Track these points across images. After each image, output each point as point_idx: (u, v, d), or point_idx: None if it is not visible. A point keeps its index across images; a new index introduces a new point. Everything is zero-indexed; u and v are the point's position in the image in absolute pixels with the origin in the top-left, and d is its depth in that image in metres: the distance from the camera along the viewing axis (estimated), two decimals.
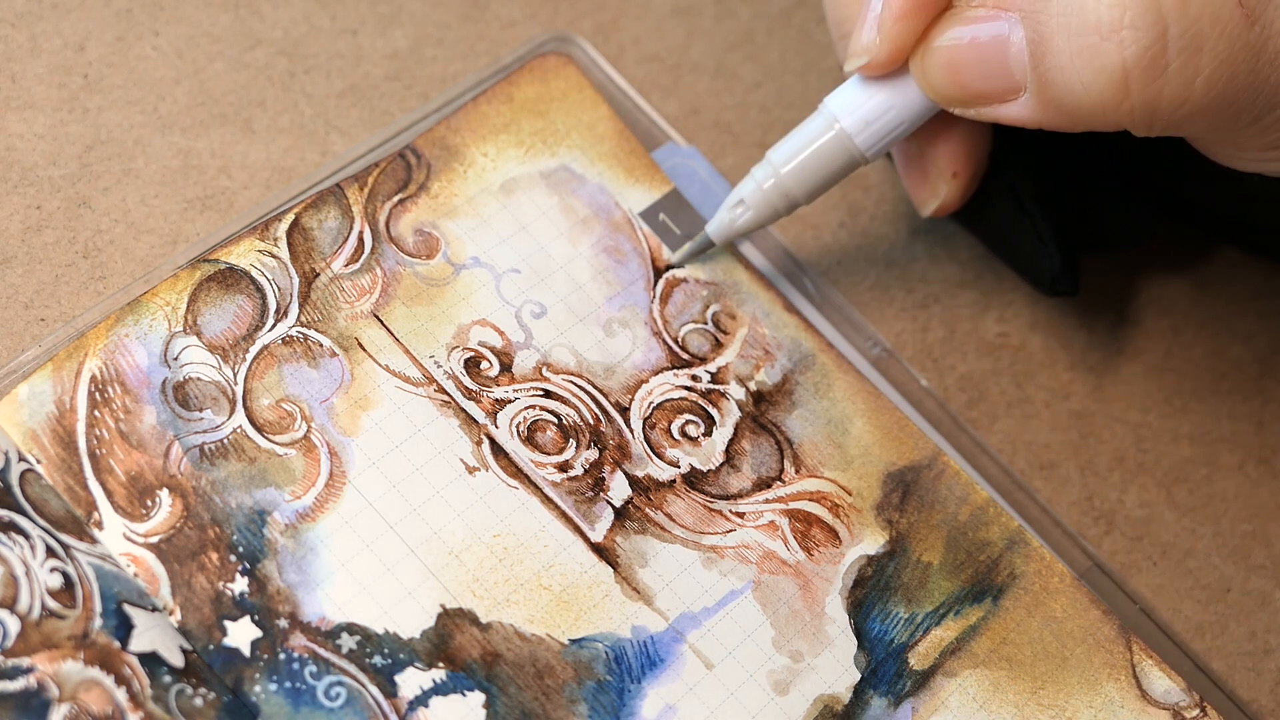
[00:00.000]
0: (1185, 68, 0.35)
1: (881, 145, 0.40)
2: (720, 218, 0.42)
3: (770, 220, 0.41)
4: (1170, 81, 0.35)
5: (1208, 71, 0.35)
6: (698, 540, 0.39)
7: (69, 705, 0.34)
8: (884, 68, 0.38)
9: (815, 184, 0.40)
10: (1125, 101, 0.35)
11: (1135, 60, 0.35)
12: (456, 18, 0.46)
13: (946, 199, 0.42)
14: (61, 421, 0.36)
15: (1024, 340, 0.46)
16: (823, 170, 0.40)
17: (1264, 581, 0.44)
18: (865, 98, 0.39)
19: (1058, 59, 0.35)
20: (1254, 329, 0.47)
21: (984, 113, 0.38)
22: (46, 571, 0.35)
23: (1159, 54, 0.34)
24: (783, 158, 0.40)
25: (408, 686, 0.36)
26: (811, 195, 0.41)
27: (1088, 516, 0.44)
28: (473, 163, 0.42)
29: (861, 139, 0.39)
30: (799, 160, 0.40)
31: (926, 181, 0.42)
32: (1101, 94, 0.35)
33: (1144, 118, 0.36)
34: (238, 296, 0.39)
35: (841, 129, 0.40)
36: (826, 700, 0.38)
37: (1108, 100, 0.35)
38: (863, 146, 0.40)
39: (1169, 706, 0.40)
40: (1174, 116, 0.36)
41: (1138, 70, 0.35)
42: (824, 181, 0.40)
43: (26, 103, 0.42)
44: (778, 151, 0.40)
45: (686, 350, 0.42)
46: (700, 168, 0.44)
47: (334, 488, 0.38)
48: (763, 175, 0.41)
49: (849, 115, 0.39)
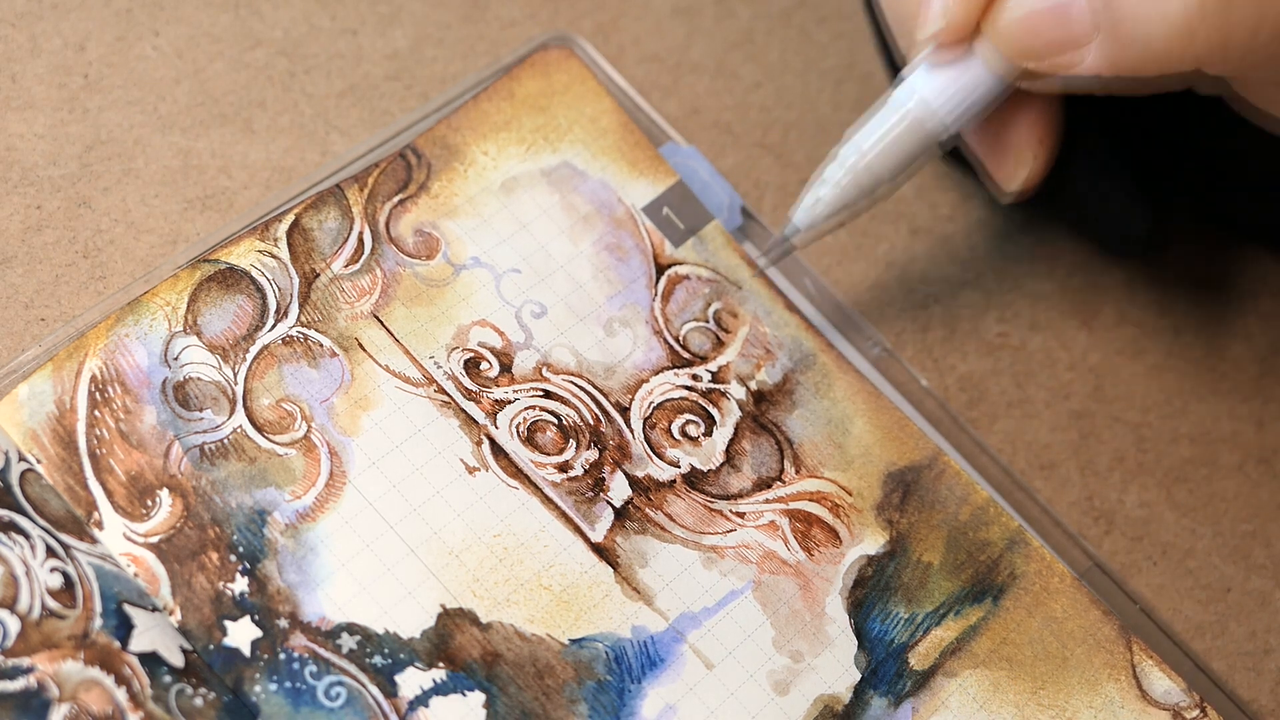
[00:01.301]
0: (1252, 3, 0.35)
1: (963, 118, 0.40)
2: (805, 203, 0.41)
3: (854, 205, 0.41)
4: (1237, 18, 0.35)
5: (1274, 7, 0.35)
6: (698, 540, 0.39)
7: (69, 705, 0.34)
8: (959, 33, 0.39)
9: (898, 161, 0.40)
10: (1199, 32, 0.35)
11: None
12: (456, 18, 0.46)
13: (1033, 170, 0.42)
14: (61, 421, 0.36)
15: (1024, 340, 0.46)
16: (906, 149, 0.40)
17: (1264, 581, 0.44)
18: (940, 74, 0.39)
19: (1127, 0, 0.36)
20: (1254, 329, 0.47)
21: (1060, 63, 0.38)
22: (46, 571, 0.35)
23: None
24: (865, 137, 0.40)
25: (408, 686, 0.36)
26: (895, 173, 0.40)
27: (1088, 516, 0.44)
28: (473, 161, 0.42)
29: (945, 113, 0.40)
30: (881, 137, 0.40)
31: (1008, 159, 0.42)
32: (1174, 27, 0.35)
33: (1211, 56, 0.36)
34: (238, 296, 0.39)
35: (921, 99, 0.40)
36: (827, 700, 0.38)
37: (1180, 32, 0.35)
38: (945, 120, 0.40)
39: (1169, 707, 0.40)
40: (1247, 48, 0.36)
41: (1204, 6, 0.35)
42: (906, 159, 0.40)
43: (26, 103, 0.42)
44: (858, 133, 0.40)
45: (687, 349, 0.42)
46: (700, 168, 0.44)
47: (334, 488, 0.38)
48: (846, 155, 0.40)
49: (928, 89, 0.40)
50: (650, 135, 0.44)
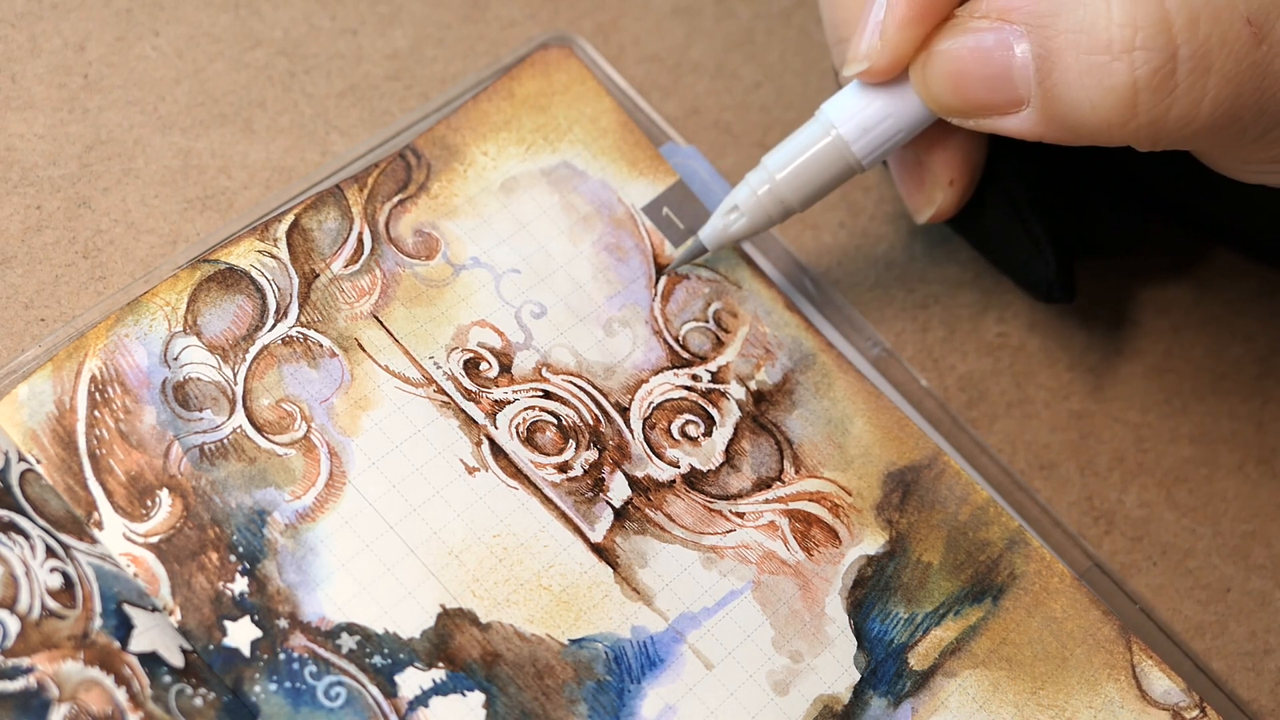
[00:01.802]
0: (1193, 88, 0.35)
1: (878, 153, 0.39)
2: (714, 224, 0.41)
3: (764, 227, 0.41)
4: (1178, 101, 0.35)
5: (1215, 91, 0.35)
6: (697, 540, 0.39)
7: (69, 705, 0.34)
8: (884, 75, 0.38)
9: (810, 191, 0.40)
10: (1132, 120, 0.35)
11: (1145, 80, 0.34)
12: (456, 18, 0.46)
13: (942, 206, 0.42)
14: (61, 421, 0.36)
15: (1024, 340, 0.46)
16: (818, 177, 0.40)
17: (1264, 581, 0.44)
18: (863, 105, 0.39)
19: (1065, 75, 0.35)
20: (1254, 329, 0.47)
21: (984, 124, 0.38)
22: (46, 571, 0.35)
23: (1168, 75, 0.34)
24: (778, 164, 0.40)
25: (408, 686, 0.36)
26: (806, 202, 0.40)
27: (1088, 516, 0.44)
28: (473, 162, 0.42)
29: (858, 147, 0.39)
30: (794, 167, 0.40)
31: (922, 189, 0.42)
32: (1109, 112, 0.35)
33: (1149, 135, 0.36)
34: (238, 297, 0.39)
35: (838, 135, 0.39)
36: (826, 700, 0.38)
37: (1114, 118, 0.35)
38: (859, 154, 0.39)
39: (1169, 707, 0.40)
40: (1180, 134, 0.36)
41: (1147, 90, 0.35)
42: (819, 189, 0.40)
43: (26, 103, 0.42)
44: (773, 158, 0.40)
45: (687, 349, 0.42)
46: (700, 168, 0.44)
47: (334, 488, 0.38)
48: (757, 181, 0.40)
49: (846, 122, 0.39)
50: (650, 135, 0.44)
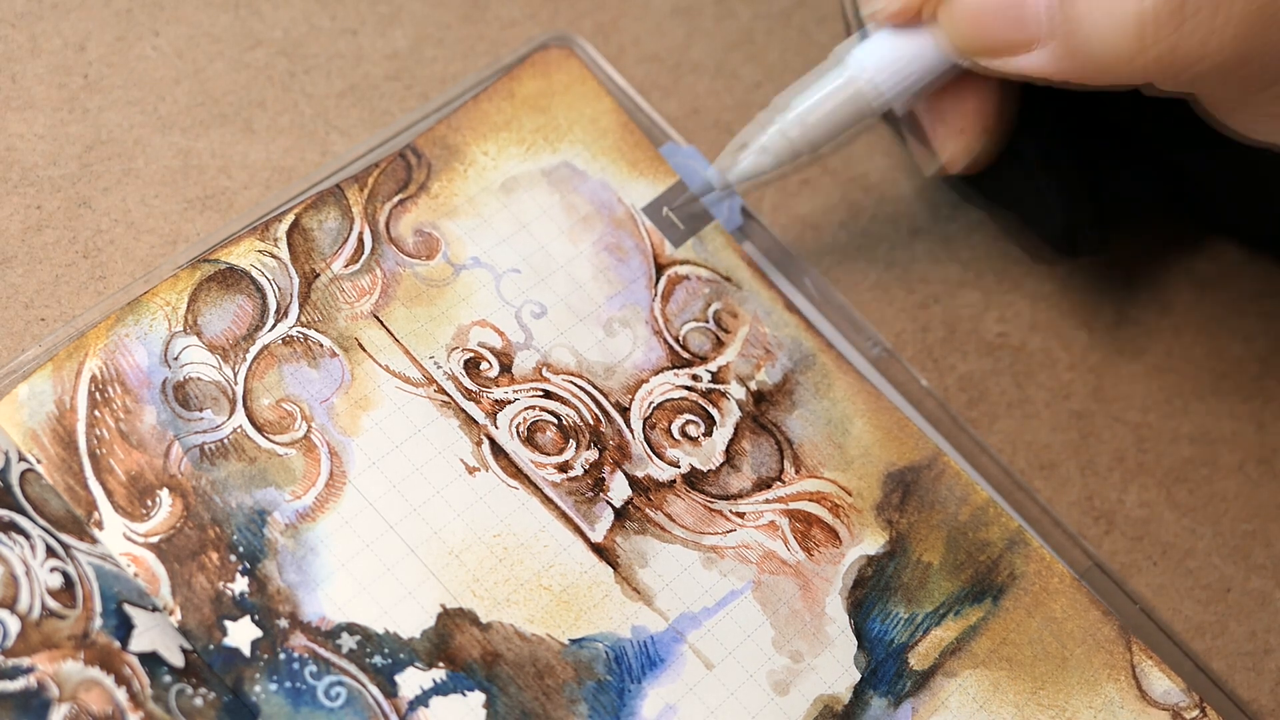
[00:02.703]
0: (1205, 22, 0.35)
1: (894, 96, 0.40)
2: (721, 161, 0.41)
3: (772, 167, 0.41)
4: (1188, 35, 0.35)
5: (1223, 29, 0.35)
6: (698, 540, 0.39)
7: (69, 705, 0.34)
8: (905, 15, 0.39)
9: (822, 132, 0.40)
10: (1144, 52, 0.36)
11: (1154, 10, 0.35)
12: (456, 18, 0.46)
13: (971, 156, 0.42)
14: (61, 421, 0.36)
15: (1024, 340, 0.46)
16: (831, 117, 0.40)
17: (1264, 581, 0.44)
18: (884, 47, 0.39)
19: (1080, 7, 0.36)
20: (1254, 329, 0.47)
21: (1005, 64, 0.38)
22: (46, 571, 0.35)
23: (1179, 6, 0.35)
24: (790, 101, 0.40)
25: (408, 686, 0.36)
26: (826, 140, 0.40)
27: (1088, 516, 0.44)
28: (473, 161, 0.42)
29: (877, 83, 0.39)
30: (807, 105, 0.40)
31: (936, 138, 0.42)
32: (1121, 43, 0.36)
33: (1160, 70, 0.36)
34: (238, 296, 0.39)
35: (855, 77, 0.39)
36: (826, 700, 0.38)
37: (1127, 49, 0.36)
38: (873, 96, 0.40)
39: (1168, 707, 0.40)
40: (1190, 72, 0.36)
41: (1156, 22, 0.35)
42: (831, 130, 0.40)
43: (26, 103, 0.42)
44: (785, 95, 0.40)
45: (687, 349, 0.42)
46: (700, 168, 0.44)
47: (334, 488, 0.38)
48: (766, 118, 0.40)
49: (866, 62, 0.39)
50: (650, 135, 0.44)
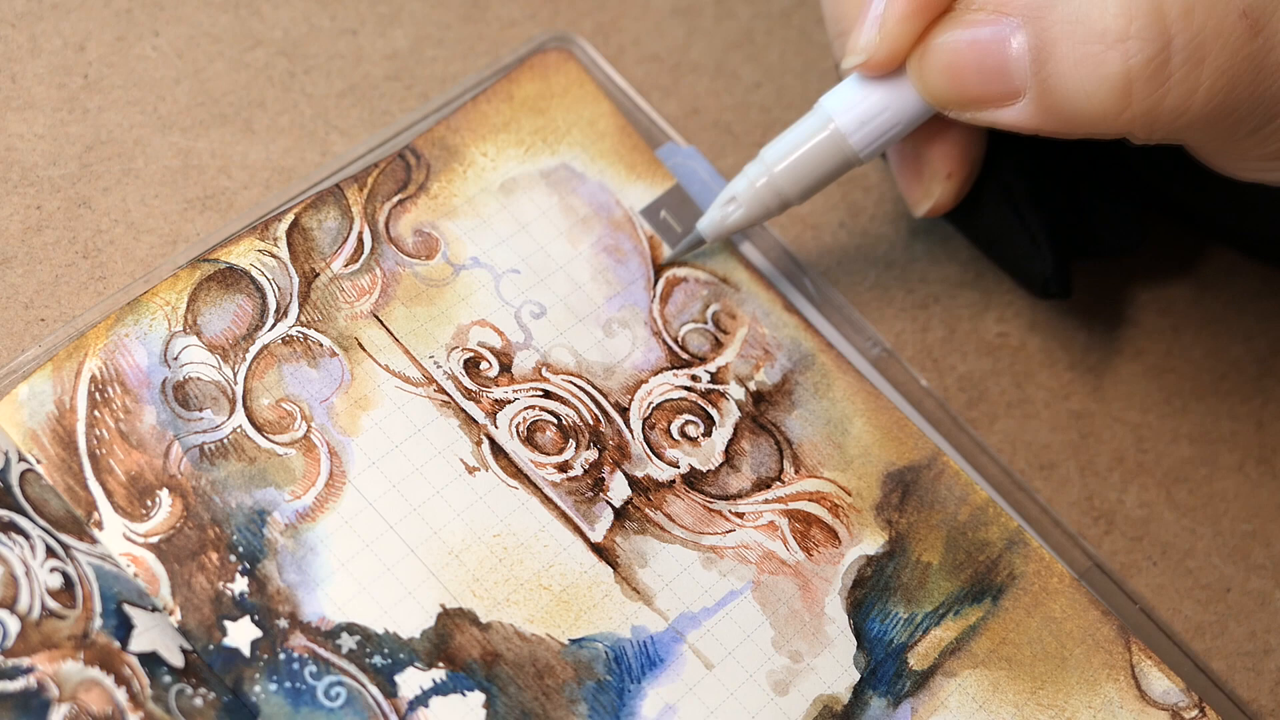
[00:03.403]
0: (1187, 78, 0.35)
1: (876, 146, 0.40)
2: (712, 215, 0.41)
3: (762, 218, 0.41)
4: (1172, 92, 0.35)
5: (1209, 82, 0.35)
6: (697, 540, 0.39)
7: (69, 705, 0.34)
8: (883, 68, 0.38)
9: (809, 183, 0.40)
10: (1126, 110, 0.35)
11: (1139, 70, 0.35)
12: (456, 18, 0.46)
13: (940, 199, 0.42)
14: (61, 421, 0.36)
15: (1024, 340, 0.46)
16: (816, 170, 0.40)
17: (1264, 581, 0.44)
18: (861, 98, 0.39)
19: (1060, 65, 0.35)
20: (1254, 329, 0.47)
21: (981, 117, 0.38)
22: (46, 571, 0.35)
23: (1162, 64, 0.34)
24: (776, 156, 0.40)
25: (408, 686, 0.36)
26: (805, 195, 0.41)
27: (1087, 516, 0.44)
28: (472, 163, 0.42)
29: (856, 139, 0.39)
30: (793, 159, 0.40)
31: (920, 181, 0.42)
32: (1103, 102, 0.35)
33: (1144, 126, 0.36)
34: (238, 296, 0.39)
35: (836, 129, 0.39)
36: (826, 700, 0.38)
37: (1109, 108, 0.35)
38: (857, 147, 0.39)
39: (1168, 707, 0.40)
40: (1174, 125, 0.36)
41: (1141, 80, 0.35)
42: (817, 181, 0.40)
43: (26, 103, 0.42)
44: (771, 150, 0.40)
45: (686, 350, 0.42)
46: (700, 168, 0.44)
47: (334, 487, 0.38)
48: (756, 173, 0.40)
49: (844, 114, 0.39)
50: (650, 135, 0.44)
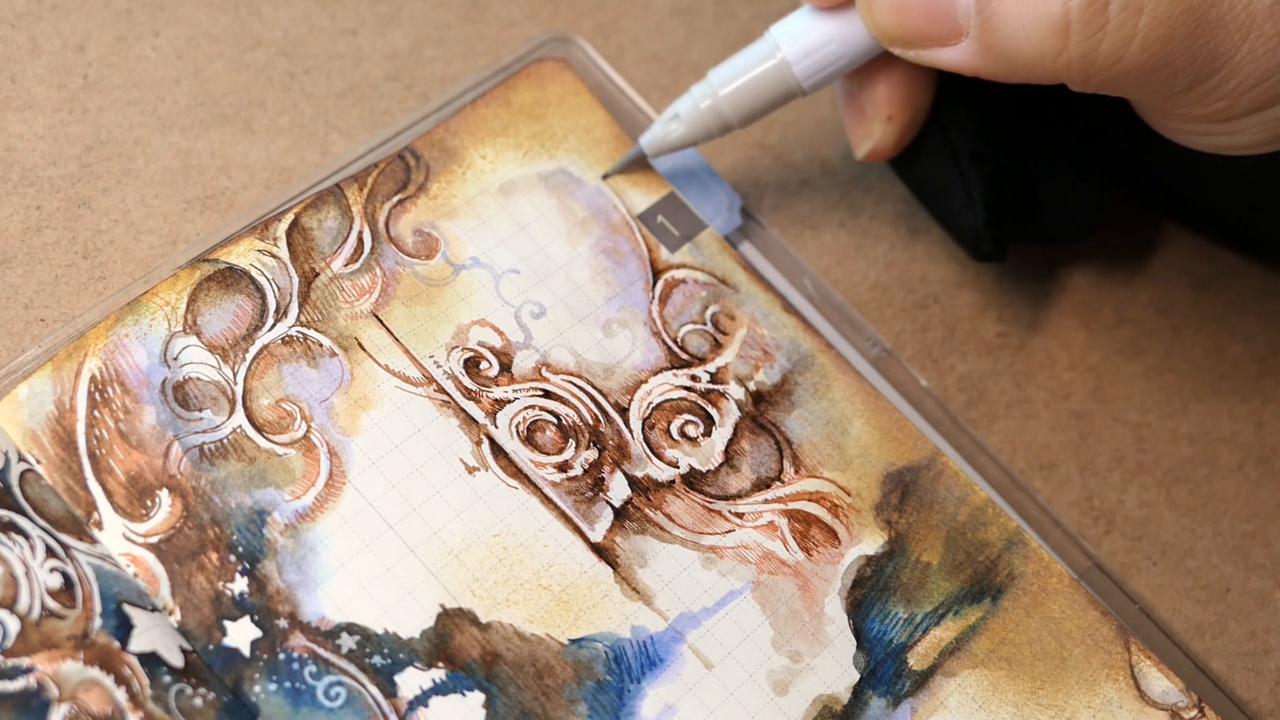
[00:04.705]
0: (1125, 25, 0.35)
1: (820, 78, 0.41)
2: (655, 131, 0.42)
3: (702, 139, 0.42)
4: (1109, 37, 0.36)
5: (1145, 30, 0.35)
6: (697, 540, 0.39)
7: (69, 705, 0.34)
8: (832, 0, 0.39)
9: (751, 109, 0.41)
10: (1063, 53, 0.36)
11: (1078, 12, 0.35)
12: (456, 18, 0.46)
13: (881, 142, 0.42)
14: (61, 421, 0.36)
15: (1024, 340, 0.46)
16: (760, 96, 0.41)
17: (1264, 581, 0.44)
18: (809, 28, 0.40)
19: (1002, 5, 0.36)
20: (1254, 329, 0.47)
21: (924, 55, 0.39)
22: (46, 571, 0.35)
23: (1101, 9, 0.35)
24: (722, 79, 0.41)
25: (407, 686, 0.36)
26: (746, 120, 0.41)
27: (1087, 516, 0.44)
28: (471, 164, 0.42)
29: (800, 69, 0.40)
30: (738, 84, 0.41)
31: (863, 122, 0.42)
32: (1041, 43, 0.36)
33: (1079, 71, 0.37)
34: (237, 296, 0.39)
35: (783, 58, 0.40)
36: (826, 700, 0.38)
37: (1046, 50, 0.36)
38: (801, 77, 0.40)
39: (1167, 707, 0.40)
40: (1109, 73, 0.36)
41: (1079, 23, 0.36)
42: (759, 107, 0.41)
43: (26, 103, 0.42)
44: (718, 73, 0.41)
45: (686, 350, 0.42)
46: (699, 168, 0.44)
47: (334, 487, 0.38)
48: (701, 94, 0.41)
49: (791, 44, 0.40)
50: None
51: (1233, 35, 0.35)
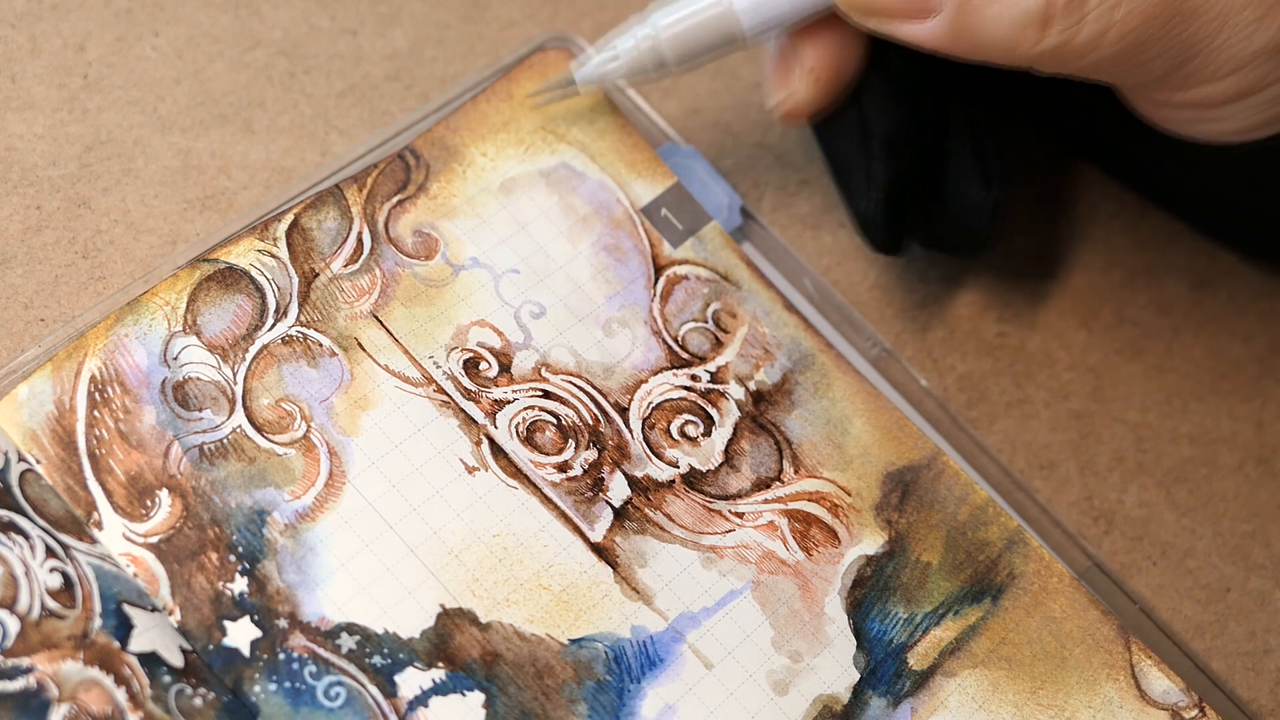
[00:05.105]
0: (1102, 16, 0.35)
1: (764, 29, 0.40)
2: (592, 64, 0.41)
3: (638, 77, 0.41)
4: (1086, 28, 0.36)
5: (1122, 21, 0.35)
6: (697, 540, 0.39)
7: (69, 705, 0.34)
8: None
9: (690, 52, 0.40)
10: (1041, 41, 0.36)
11: (1061, 5, 0.35)
12: (456, 18, 0.46)
13: (799, 99, 0.41)
14: (61, 421, 0.36)
15: (1024, 340, 0.46)
16: (700, 40, 0.40)
17: (1264, 581, 0.44)
18: None
19: None
20: (1254, 329, 0.47)
21: (887, 27, 0.38)
22: (46, 571, 0.35)
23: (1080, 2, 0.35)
24: (666, 19, 0.40)
25: (407, 686, 0.36)
26: (684, 63, 0.41)
27: (1087, 516, 0.44)
28: (472, 162, 0.42)
29: (747, 18, 0.40)
30: (681, 27, 0.40)
31: (786, 77, 0.41)
32: (1019, 31, 0.36)
33: (1052, 60, 0.37)
34: (237, 296, 0.39)
35: (731, 4, 0.40)
36: (826, 700, 0.38)
37: (1023, 38, 0.36)
38: (745, 25, 0.40)
39: (1167, 707, 0.40)
40: (1081, 61, 0.36)
41: (1061, 13, 0.36)
42: (699, 51, 0.40)
43: (26, 103, 0.42)
44: (662, 13, 0.40)
45: (686, 349, 0.42)
46: (700, 168, 0.44)
47: (334, 487, 0.38)
48: (643, 33, 0.41)
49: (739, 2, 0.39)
50: (649, 135, 0.44)
51: (1210, 23, 0.35)
